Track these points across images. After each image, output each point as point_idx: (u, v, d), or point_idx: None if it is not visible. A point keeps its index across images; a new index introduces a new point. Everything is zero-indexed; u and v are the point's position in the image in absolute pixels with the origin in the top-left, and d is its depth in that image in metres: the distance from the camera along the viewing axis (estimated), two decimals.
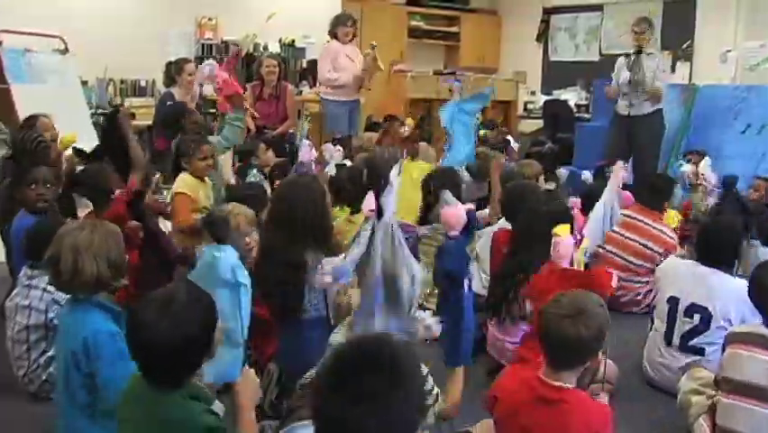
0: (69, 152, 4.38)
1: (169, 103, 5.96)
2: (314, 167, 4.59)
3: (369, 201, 2.04)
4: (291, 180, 3.09)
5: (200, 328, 1.87)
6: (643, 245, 4.20)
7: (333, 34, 6.73)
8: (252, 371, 2.11)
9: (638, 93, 6.02)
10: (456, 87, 4.92)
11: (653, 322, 3.40)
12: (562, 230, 2.64)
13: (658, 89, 5.98)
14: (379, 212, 1.99)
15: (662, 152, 6.48)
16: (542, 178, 4.85)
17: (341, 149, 4.92)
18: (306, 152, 4.45)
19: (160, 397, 1.89)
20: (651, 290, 4.07)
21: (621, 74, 6.11)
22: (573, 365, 2.17)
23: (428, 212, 3.96)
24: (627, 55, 6.15)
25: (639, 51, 6.01)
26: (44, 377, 3.07)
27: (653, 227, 4.25)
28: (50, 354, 3.01)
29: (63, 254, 2.37)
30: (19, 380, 3.11)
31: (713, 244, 3.20)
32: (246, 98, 5.66)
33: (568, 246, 2.64)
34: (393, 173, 1.97)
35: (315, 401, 1.41)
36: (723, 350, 2.61)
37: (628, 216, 4.22)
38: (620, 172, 3.88)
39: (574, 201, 3.65)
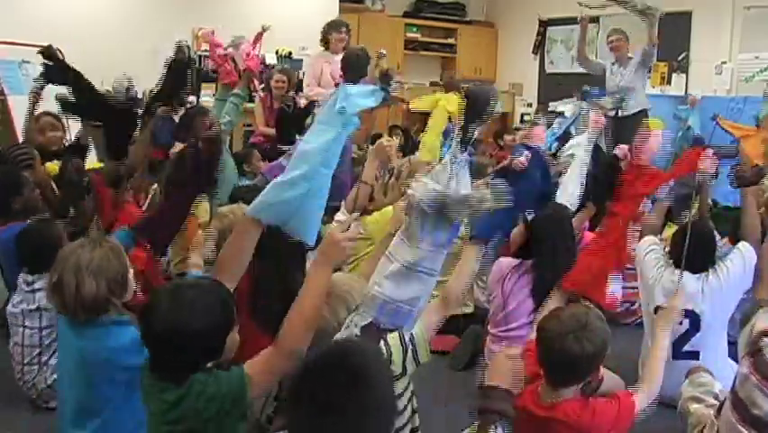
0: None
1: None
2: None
3: None
4: None
5: (210, 325, 1.80)
6: None
7: (326, 41, 6.42)
8: (335, 231, 2.01)
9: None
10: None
11: None
12: (655, 124, 2.67)
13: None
14: (465, 141, 1.98)
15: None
16: None
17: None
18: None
19: (163, 391, 1.83)
20: None
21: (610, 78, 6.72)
22: (572, 383, 2.12)
23: None
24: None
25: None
26: (49, 382, 3.07)
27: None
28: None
29: (66, 277, 2.27)
30: (22, 386, 3.11)
31: (689, 250, 3.12)
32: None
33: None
34: (493, 107, 1.99)
35: (287, 412, 1.40)
36: None
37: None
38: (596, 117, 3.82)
39: None
